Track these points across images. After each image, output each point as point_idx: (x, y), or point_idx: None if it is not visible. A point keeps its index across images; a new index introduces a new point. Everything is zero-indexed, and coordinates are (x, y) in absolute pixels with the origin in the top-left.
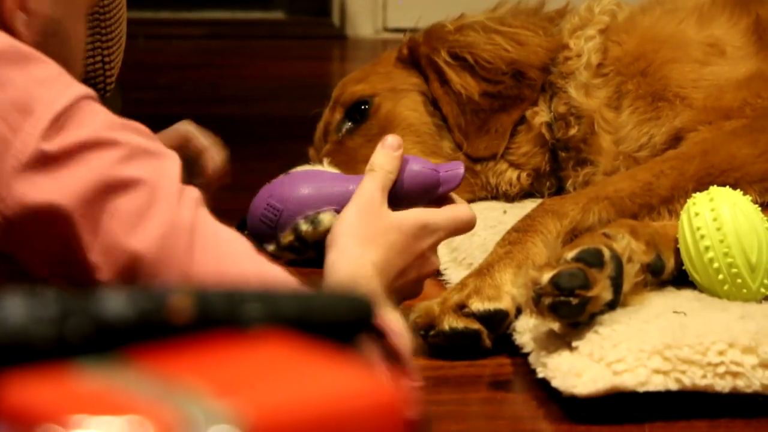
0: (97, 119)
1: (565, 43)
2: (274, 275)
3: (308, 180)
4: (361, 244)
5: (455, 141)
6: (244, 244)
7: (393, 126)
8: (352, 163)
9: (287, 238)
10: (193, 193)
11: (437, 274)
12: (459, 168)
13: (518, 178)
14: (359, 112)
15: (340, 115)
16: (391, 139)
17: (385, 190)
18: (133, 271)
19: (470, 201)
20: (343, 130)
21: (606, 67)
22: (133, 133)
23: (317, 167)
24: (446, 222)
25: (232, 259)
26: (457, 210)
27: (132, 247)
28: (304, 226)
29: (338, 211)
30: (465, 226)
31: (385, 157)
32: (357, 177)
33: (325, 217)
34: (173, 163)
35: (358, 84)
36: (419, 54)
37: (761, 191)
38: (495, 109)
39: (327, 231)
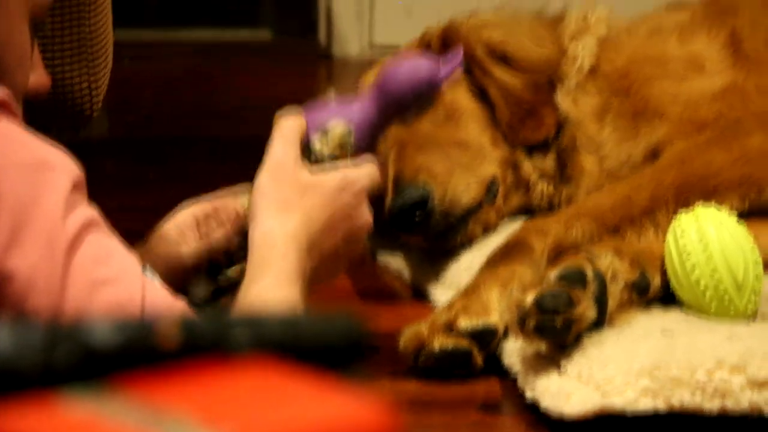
0: None
1: (564, 48)
2: (158, 298)
3: (316, 108)
4: (276, 212)
5: (503, 132)
6: (132, 266)
7: (458, 114)
8: (436, 146)
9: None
10: (84, 213)
11: (424, 297)
12: (458, 56)
13: (547, 188)
14: None
15: None
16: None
17: (296, 146)
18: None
19: (524, 212)
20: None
21: (597, 78)
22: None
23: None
24: (365, 171)
25: (113, 284)
26: (372, 165)
27: (9, 267)
28: (317, 143)
29: (348, 124)
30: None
31: (287, 118)
32: (361, 98)
33: (335, 127)
34: (64, 175)
35: None
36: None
37: (741, 196)
38: (539, 100)
39: (340, 140)
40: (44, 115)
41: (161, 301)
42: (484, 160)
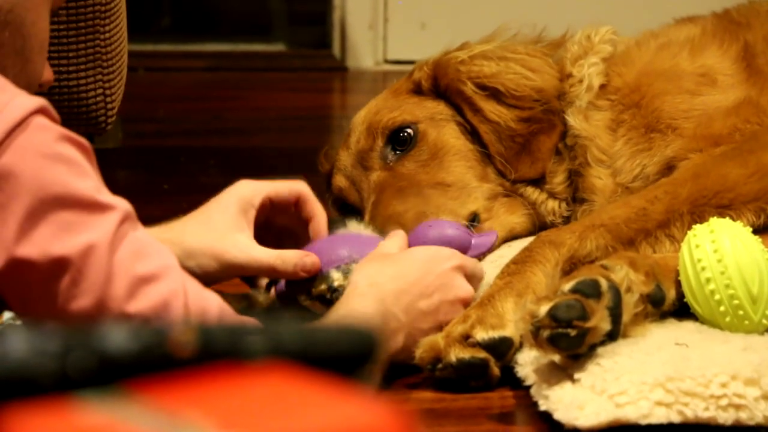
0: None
1: (568, 72)
2: (198, 291)
3: (347, 241)
4: (375, 261)
5: (497, 168)
6: (171, 260)
7: (443, 152)
8: (415, 189)
9: (319, 287)
10: (121, 207)
11: None
12: (492, 235)
13: (559, 206)
14: (401, 139)
15: (382, 142)
16: None
17: (403, 247)
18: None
19: (529, 225)
20: (390, 157)
21: (608, 94)
22: (73, 146)
23: (354, 228)
24: (456, 252)
25: (156, 281)
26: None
27: (57, 252)
28: (335, 274)
29: None
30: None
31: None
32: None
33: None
34: (93, 173)
35: (394, 112)
36: (443, 85)
37: (756, 211)
38: (533, 132)
39: None
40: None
41: (200, 293)
42: (467, 199)
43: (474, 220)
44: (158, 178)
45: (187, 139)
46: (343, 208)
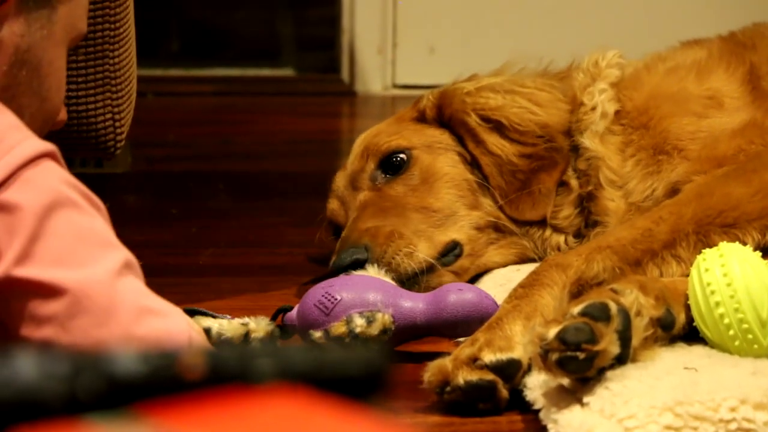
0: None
1: (579, 101)
2: (206, 342)
3: (374, 285)
4: None
5: (495, 200)
6: (176, 308)
7: (434, 178)
8: (398, 210)
9: (339, 329)
10: (125, 253)
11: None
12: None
13: (565, 242)
14: (394, 164)
15: (374, 164)
16: None
17: None
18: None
19: (517, 262)
20: (380, 179)
21: (621, 118)
22: (75, 191)
23: (373, 274)
24: None
25: (162, 317)
26: None
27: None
28: (359, 320)
29: (394, 321)
30: None
31: None
32: (422, 296)
33: (381, 317)
34: (104, 216)
35: (392, 137)
36: (447, 115)
37: (761, 229)
38: (534, 169)
39: (380, 331)
40: (68, 149)
41: (205, 342)
42: (451, 227)
43: (455, 248)
44: (167, 203)
45: (196, 164)
46: (336, 232)
